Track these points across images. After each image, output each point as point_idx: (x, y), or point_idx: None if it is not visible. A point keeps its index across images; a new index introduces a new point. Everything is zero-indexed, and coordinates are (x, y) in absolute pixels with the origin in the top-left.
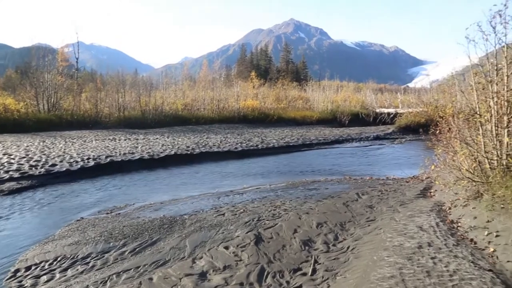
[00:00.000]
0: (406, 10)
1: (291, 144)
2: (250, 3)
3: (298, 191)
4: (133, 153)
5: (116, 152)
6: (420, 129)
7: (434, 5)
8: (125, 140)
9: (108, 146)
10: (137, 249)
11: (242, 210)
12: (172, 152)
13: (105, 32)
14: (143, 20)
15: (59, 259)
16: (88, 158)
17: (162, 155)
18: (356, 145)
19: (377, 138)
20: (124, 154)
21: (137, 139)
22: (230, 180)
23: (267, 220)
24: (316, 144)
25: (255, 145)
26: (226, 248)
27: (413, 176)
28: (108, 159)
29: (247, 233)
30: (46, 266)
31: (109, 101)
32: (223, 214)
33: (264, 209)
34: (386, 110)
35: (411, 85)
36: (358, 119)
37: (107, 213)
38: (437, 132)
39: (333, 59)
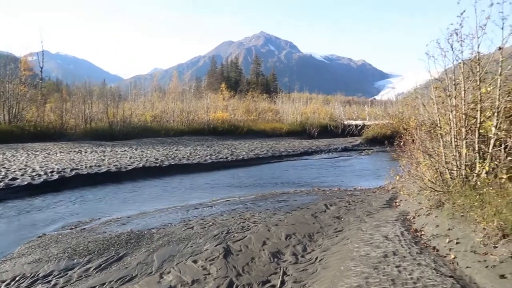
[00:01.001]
0: (373, 25)
1: (260, 156)
2: (220, 16)
3: (268, 203)
4: (99, 166)
5: (82, 165)
6: (386, 141)
7: (398, 21)
8: (91, 152)
9: (73, 159)
10: (102, 265)
11: (211, 223)
12: (140, 165)
13: (72, 41)
14: (112, 30)
15: (17, 278)
16: (52, 171)
17: (130, 167)
18: (325, 157)
19: (345, 149)
20: (90, 167)
21: (104, 152)
22: (199, 193)
23: (236, 233)
24: (286, 156)
25: (224, 157)
26: (195, 262)
27: (380, 187)
28: (73, 172)
29: (216, 246)
30: (3, 287)
31: (75, 112)
32: (192, 228)
33: (234, 221)
34: (354, 122)
35: (378, 97)
36: (327, 131)
37: (71, 229)
38: (402, 143)
39: (303, 72)
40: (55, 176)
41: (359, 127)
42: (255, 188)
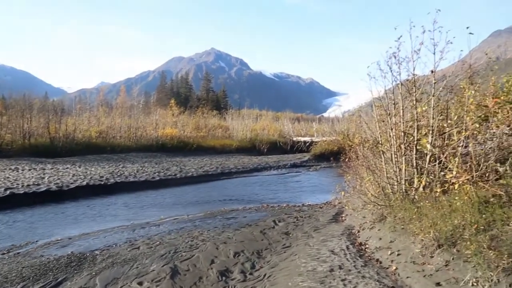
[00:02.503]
0: (320, 46)
1: (210, 173)
2: (171, 31)
3: (217, 221)
4: (38, 184)
5: (18, 184)
6: (331, 158)
7: (345, 43)
8: (29, 170)
9: (8, 177)
10: None
11: (158, 242)
12: (84, 183)
13: (10, 52)
14: (57, 42)
15: None
16: None
17: (72, 186)
18: (274, 173)
19: (294, 165)
20: (28, 185)
21: (44, 169)
22: (146, 211)
23: (184, 252)
24: (235, 173)
25: (173, 174)
26: (140, 284)
27: (327, 202)
28: (8, 192)
29: (162, 266)
30: None
31: (12, 126)
32: (138, 248)
33: (181, 240)
34: (302, 139)
35: (325, 115)
36: (276, 147)
37: (3, 254)
38: (347, 160)
39: (253, 89)
40: None
41: (308, 144)
42: (204, 206)
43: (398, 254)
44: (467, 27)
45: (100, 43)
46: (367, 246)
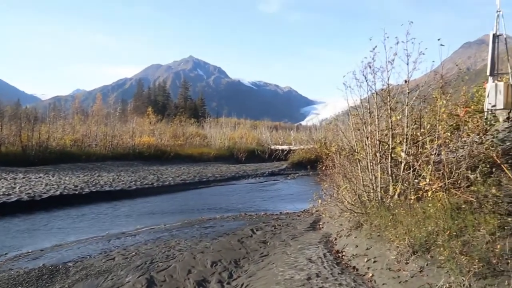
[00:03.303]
0: (298, 54)
1: (187, 181)
2: (149, 38)
3: (194, 230)
4: (9, 194)
5: None
6: (309, 166)
7: (321, 52)
8: None
9: None
10: None
11: (134, 253)
12: (57, 193)
13: None
14: (30, 47)
15: None
16: None
17: (45, 196)
18: (252, 181)
19: (272, 174)
20: None
21: (15, 179)
22: (122, 221)
23: (161, 262)
24: (213, 181)
25: (150, 183)
26: None
27: (304, 210)
28: None
29: (138, 277)
30: None
31: None
32: (113, 259)
33: (158, 250)
34: (280, 147)
35: (303, 123)
36: (254, 155)
37: None
38: (324, 168)
39: (231, 97)
40: None
41: (286, 152)
42: (181, 215)
43: (374, 261)
44: (438, 39)
45: (75, 50)
46: (344, 253)
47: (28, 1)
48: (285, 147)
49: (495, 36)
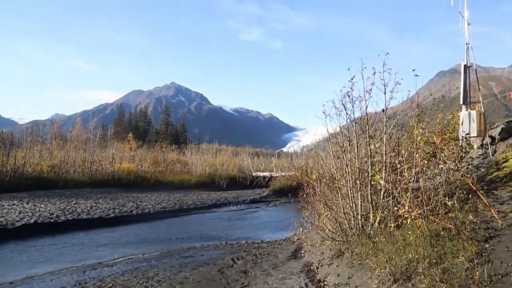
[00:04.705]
0: (279, 81)
1: (167, 209)
2: (130, 64)
3: (173, 260)
4: None
5: None
6: (289, 194)
7: (301, 79)
8: None
9: None
10: None
11: (110, 284)
12: (32, 221)
13: None
14: (7, 70)
15: None
16: None
17: (18, 224)
18: (233, 209)
19: (253, 201)
20: None
21: None
22: (99, 251)
23: None
24: (194, 209)
25: (129, 210)
26: None
27: (286, 238)
28: None
29: None
30: None
31: None
32: None
33: (136, 281)
34: (262, 174)
35: (285, 149)
36: (235, 182)
37: None
38: (305, 195)
39: (213, 124)
40: None
41: (267, 179)
42: (160, 244)
43: None
44: (413, 70)
45: (55, 74)
46: (326, 283)
47: (5, 24)
48: (266, 174)
49: (466, 67)
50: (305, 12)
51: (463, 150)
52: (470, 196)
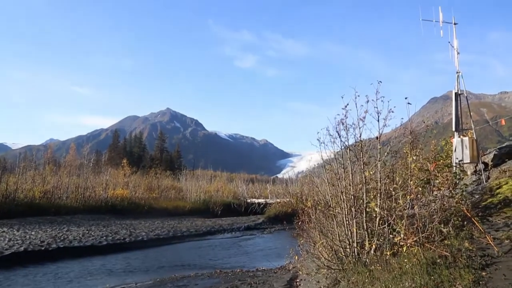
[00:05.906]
0: (274, 108)
1: (161, 236)
2: (126, 90)
3: None
4: None
5: None
6: (284, 221)
7: (296, 106)
8: None
9: None
10: None
11: None
12: (21, 249)
13: None
14: (0, 95)
15: None
16: None
17: (7, 252)
18: (228, 236)
19: (248, 228)
20: None
21: None
22: (90, 280)
23: None
24: (188, 236)
25: (122, 238)
26: None
27: (281, 266)
28: None
29: None
30: None
31: None
32: None
33: None
34: (256, 200)
35: (280, 176)
36: (230, 209)
37: None
38: (300, 222)
39: (208, 150)
40: None
41: (262, 205)
42: (154, 273)
43: None
44: (406, 98)
45: (50, 99)
46: None
47: None
48: (261, 200)
49: (457, 95)
50: (299, 40)
51: (457, 176)
52: (465, 222)
